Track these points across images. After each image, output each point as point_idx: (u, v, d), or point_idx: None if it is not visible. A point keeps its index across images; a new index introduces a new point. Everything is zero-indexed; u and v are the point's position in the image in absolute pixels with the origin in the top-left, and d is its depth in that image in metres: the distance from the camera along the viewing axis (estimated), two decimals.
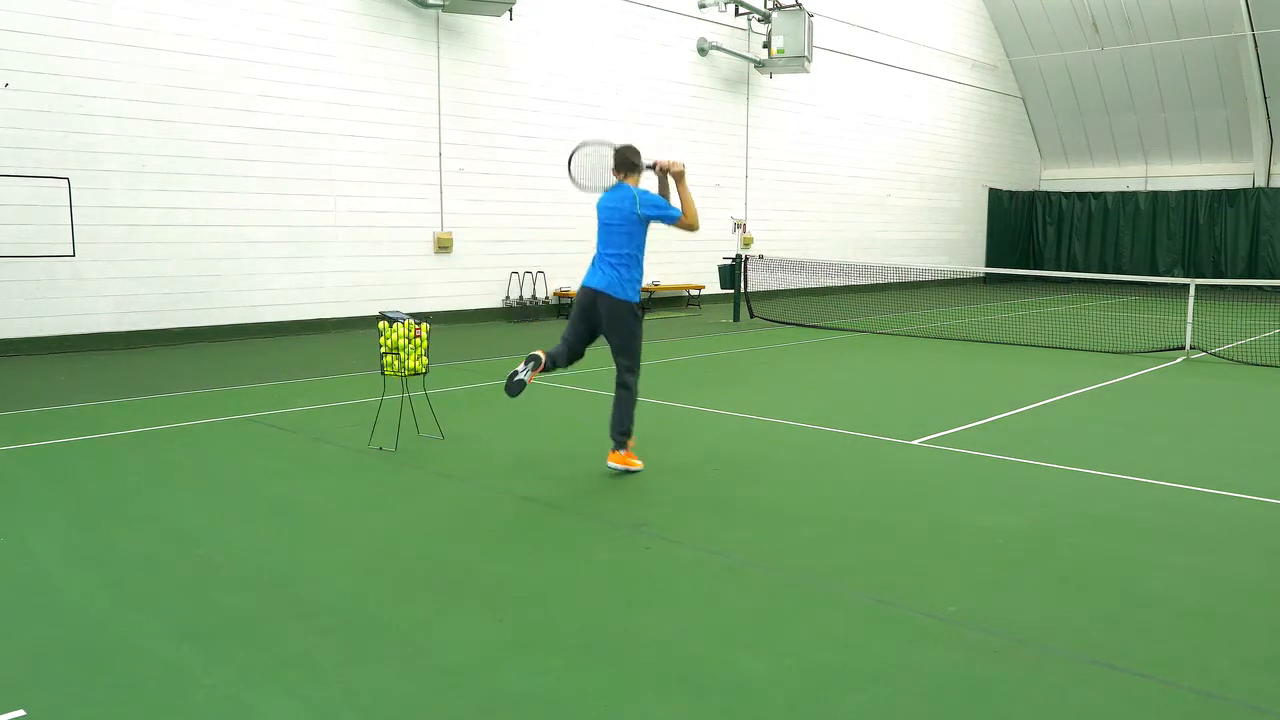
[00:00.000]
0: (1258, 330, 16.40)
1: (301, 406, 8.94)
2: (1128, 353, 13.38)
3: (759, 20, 20.68)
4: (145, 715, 3.40)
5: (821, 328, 16.35)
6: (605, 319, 6.54)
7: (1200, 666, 3.84)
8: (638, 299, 6.65)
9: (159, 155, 12.87)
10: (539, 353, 6.31)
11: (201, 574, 4.74)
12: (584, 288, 6.60)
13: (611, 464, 6.54)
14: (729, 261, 17.98)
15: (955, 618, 4.28)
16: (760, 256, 19.00)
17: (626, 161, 6.70)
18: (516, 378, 6.20)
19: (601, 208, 6.71)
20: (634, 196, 6.53)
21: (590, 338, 6.68)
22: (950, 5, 27.30)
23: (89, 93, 12.22)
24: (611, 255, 6.57)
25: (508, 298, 17.21)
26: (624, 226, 6.53)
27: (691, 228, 6.66)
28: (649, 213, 6.53)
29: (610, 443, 6.65)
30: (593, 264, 6.67)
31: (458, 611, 4.34)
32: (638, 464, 6.63)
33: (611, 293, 6.49)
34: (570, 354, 6.61)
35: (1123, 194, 29.31)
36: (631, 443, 6.66)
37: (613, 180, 6.79)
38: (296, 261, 14.38)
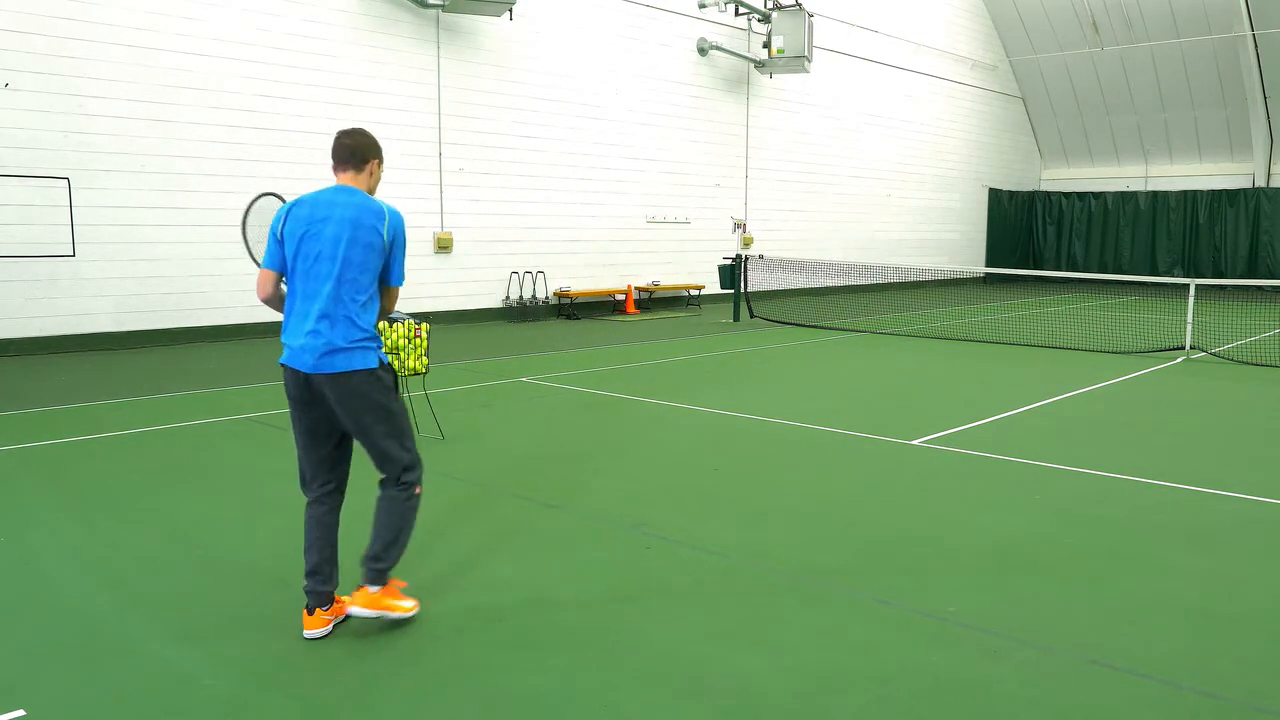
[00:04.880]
0: (1258, 330, 16.39)
1: None
2: (1128, 353, 13.38)
3: (759, 20, 20.67)
4: (145, 715, 3.40)
5: (821, 328, 16.35)
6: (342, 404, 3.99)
7: (1200, 666, 3.84)
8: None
9: (159, 155, 12.87)
10: (319, 625, 4.01)
11: (201, 574, 4.74)
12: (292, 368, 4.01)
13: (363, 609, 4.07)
14: (729, 261, 17.98)
15: (955, 618, 4.27)
16: (760, 256, 19.00)
17: (360, 151, 4.08)
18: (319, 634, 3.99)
19: (312, 221, 3.96)
20: (380, 210, 4.03)
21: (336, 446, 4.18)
22: (950, 5, 27.30)
23: (89, 93, 12.22)
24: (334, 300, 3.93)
25: (507, 298, 17.20)
26: (364, 253, 3.97)
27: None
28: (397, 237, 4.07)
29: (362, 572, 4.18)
30: (299, 321, 3.98)
31: (457, 611, 4.34)
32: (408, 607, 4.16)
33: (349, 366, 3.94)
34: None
35: (1123, 194, 29.31)
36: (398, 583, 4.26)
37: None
38: None
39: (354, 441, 4.15)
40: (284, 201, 4.40)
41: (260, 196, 5.45)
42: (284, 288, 4.07)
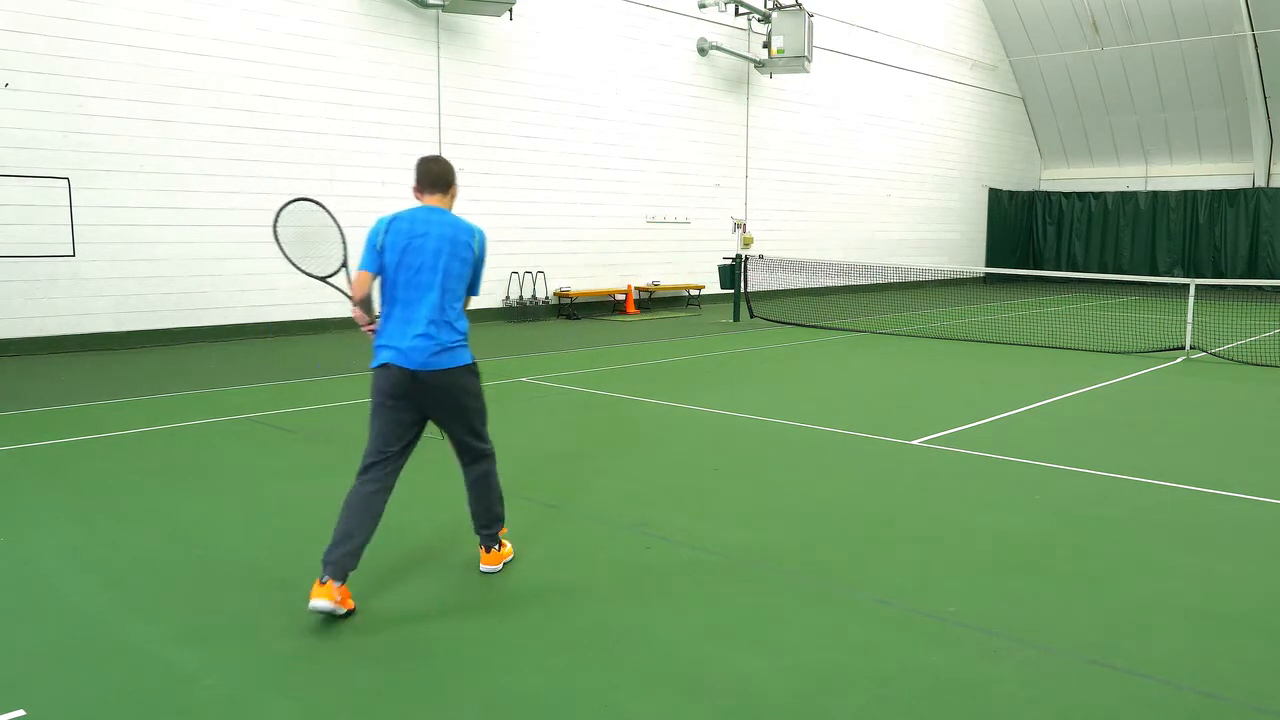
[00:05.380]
0: (1258, 330, 16.39)
1: (301, 406, 8.94)
2: (1128, 353, 13.38)
3: (759, 20, 20.67)
4: (145, 715, 3.40)
5: (821, 328, 16.35)
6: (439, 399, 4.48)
7: (1200, 666, 3.84)
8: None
9: (159, 155, 12.87)
10: (324, 598, 4.12)
11: (201, 574, 4.74)
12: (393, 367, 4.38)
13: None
14: (729, 261, 17.99)
15: (955, 618, 4.28)
16: (760, 256, 19.00)
17: (445, 176, 4.68)
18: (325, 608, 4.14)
19: (413, 236, 4.46)
20: (471, 229, 4.63)
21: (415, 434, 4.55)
22: (950, 5, 27.31)
23: (89, 93, 12.23)
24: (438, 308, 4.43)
25: (507, 298, 17.20)
26: (460, 266, 4.54)
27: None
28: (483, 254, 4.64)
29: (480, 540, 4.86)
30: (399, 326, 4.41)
31: (458, 611, 4.34)
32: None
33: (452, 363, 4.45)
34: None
35: (1123, 194, 29.31)
36: (504, 530, 4.94)
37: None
38: None
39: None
40: (319, 205, 5.27)
41: (292, 201, 5.63)
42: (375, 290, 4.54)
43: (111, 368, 11.16)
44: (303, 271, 5.42)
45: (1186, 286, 15.78)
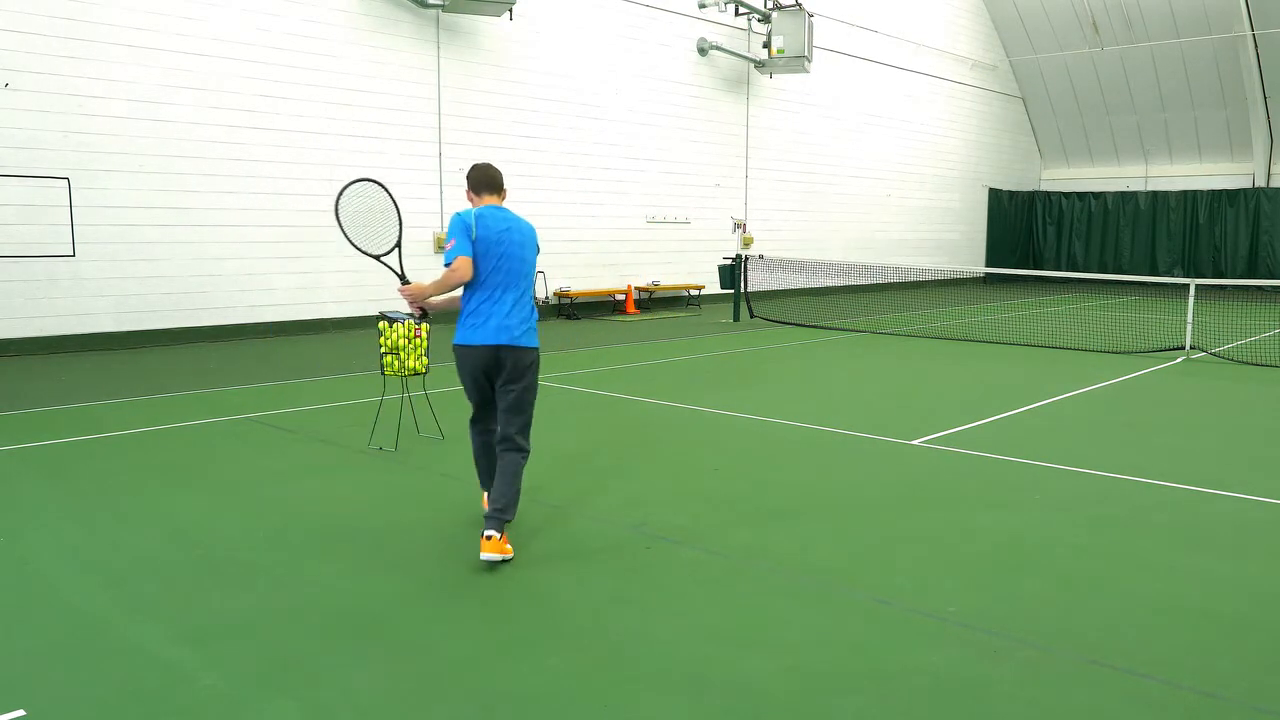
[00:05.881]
0: (1258, 330, 16.39)
1: (301, 406, 8.94)
2: (1128, 353, 13.38)
3: (759, 20, 20.68)
4: (145, 715, 3.40)
5: (821, 328, 16.35)
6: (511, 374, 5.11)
7: (1200, 666, 3.84)
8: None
9: (159, 155, 12.87)
10: (495, 510, 4.93)
11: (201, 574, 4.74)
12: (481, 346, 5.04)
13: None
14: (729, 261, 17.98)
15: (955, 618, 4.28)
16: (760, 256, 19.00)
17: (499, 180, 5.40)
18: (496, 560, 4.84)
19: (501, 230, 5.12)
20: (533, 227, 5.42)
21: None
22: (950, 5, 27.31)
23: (89, 93, 12.23)
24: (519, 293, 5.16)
25: None
26: (534, 258, 5.31)
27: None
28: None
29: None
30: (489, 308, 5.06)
31: (458, 611, 4.34)
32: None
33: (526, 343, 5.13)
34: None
35: (1123, 194, 29.31)
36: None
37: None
38: (296, 261, 14.38)
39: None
40: (378, 184, 5.77)
41: (355, 182, 5.86)
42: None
43: (111, 368, 11.17)
44: (359, 249, 5.65)
45: (1186, 286, 15.78)
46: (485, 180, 5.31)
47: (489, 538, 4.86)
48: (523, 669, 3.77)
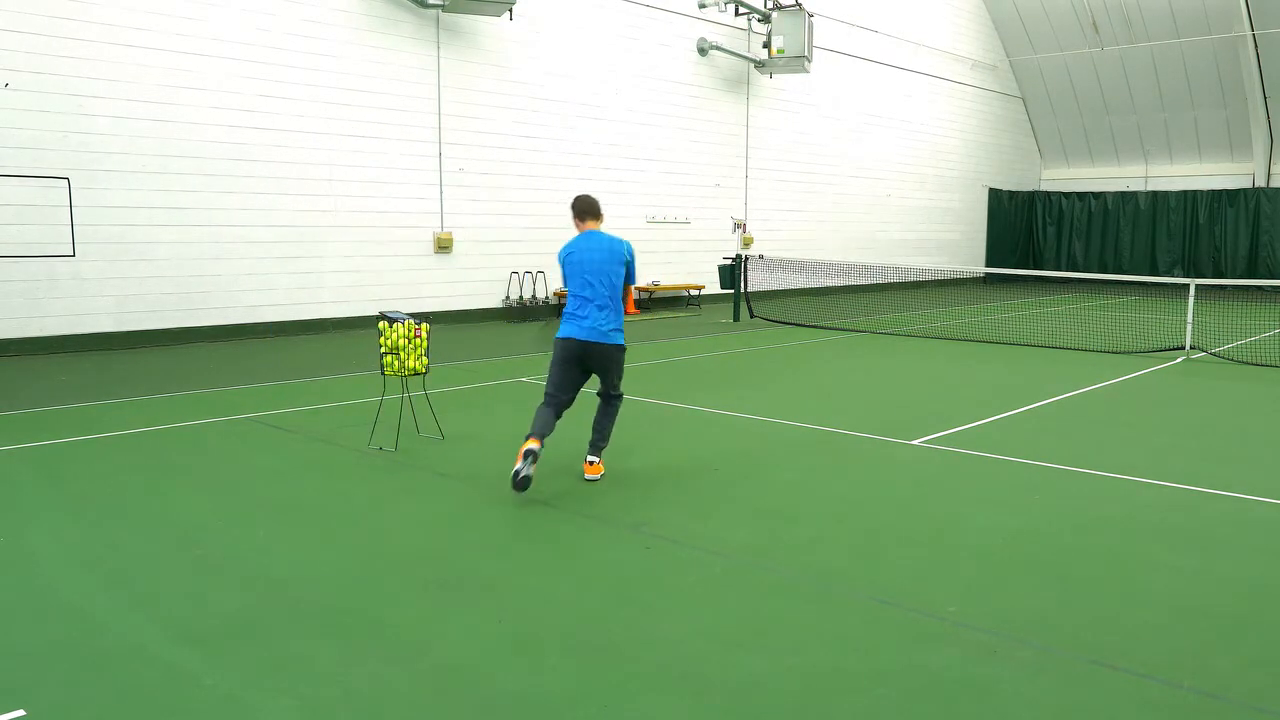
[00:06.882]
0: (1258, 330, 16.40)
1: (301, 406, 8.94)
2: (1128, 353, 13.38)
3: (759, 20, 20.68)
4: (145, 716, 3.40)
5: (821, 328, 16.35)
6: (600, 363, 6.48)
7: (1200, 666, 3.84)
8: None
9: (159, 155, 12.87)
10: (534, 444, 6.01)
11: (201, 574, 4.74)
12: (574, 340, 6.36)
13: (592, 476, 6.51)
14: (729, 261, 17.98)
15: (955, 618, 4.28)
16: (760, 256, 19.00)
17: (598, 207, 6.65)
18: (521, 475, 5.93)
19: (584, 252, 6.45)
20: (622, 241, 6.55)
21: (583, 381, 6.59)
22: (950, 5, 27.31)
23: (89, 93, 12.23)
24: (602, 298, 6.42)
25: (508, 298, 17.21)
26: (618, 269, 6.49)
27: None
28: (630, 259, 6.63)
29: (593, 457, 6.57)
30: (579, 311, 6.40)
31: (458, 611, 4.34)
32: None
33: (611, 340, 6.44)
34: (560, 414, 6.47)
35: (1123, 194, 29.31)
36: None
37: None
38: (296, 261, 14.39)
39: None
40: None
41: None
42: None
43: (111, 368, 11.16)
44: None
45: (1186, 286, 15.78)
46: (587, 209, 6.54)
47: (591, 462, 6.43)
48: (523, 669, 3.77)
